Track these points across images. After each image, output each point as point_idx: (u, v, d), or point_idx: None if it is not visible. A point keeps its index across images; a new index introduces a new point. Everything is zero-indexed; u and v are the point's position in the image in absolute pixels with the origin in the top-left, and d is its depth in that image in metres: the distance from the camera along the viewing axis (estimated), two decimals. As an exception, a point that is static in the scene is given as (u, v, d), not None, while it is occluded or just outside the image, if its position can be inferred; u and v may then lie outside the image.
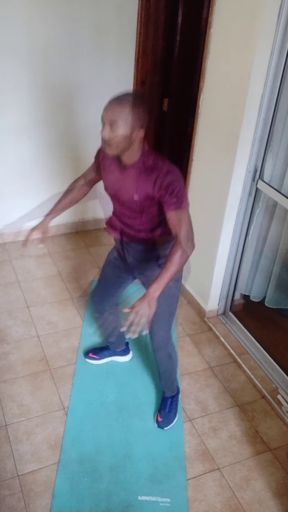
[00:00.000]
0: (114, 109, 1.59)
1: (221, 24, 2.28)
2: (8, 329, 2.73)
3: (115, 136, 1.61)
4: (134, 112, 1.59)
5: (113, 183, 1.83)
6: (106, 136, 1.63)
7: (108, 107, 1.61)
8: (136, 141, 1.66)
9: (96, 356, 2.53)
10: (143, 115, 1.63)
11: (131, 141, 1.65)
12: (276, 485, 2.04)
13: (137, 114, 1.60)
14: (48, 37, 2.94)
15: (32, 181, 3.42)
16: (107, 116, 1.61)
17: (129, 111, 1.58)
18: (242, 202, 2.52)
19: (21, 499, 1.91)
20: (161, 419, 2.23)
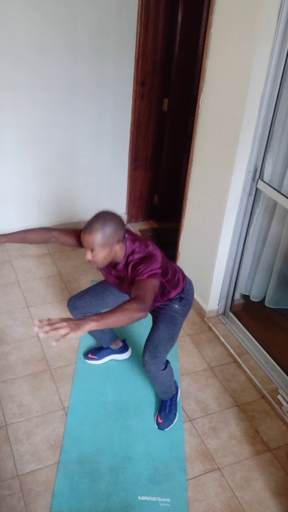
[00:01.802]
0: (87, 239, 1.78)
1: (221, 24, 2.28)
2: (8, 329, 2.73)
3: (96, 257, 1.81)
4: (106, 234, 1.76)
5: (111, 281, 2.08)
6: (89, 259, 1.83)
7: (82, 238, 1.80)
8: (117, 251, 1.85)
9: (95, 356, 2.54)
10: (116, 231, 1.79)
11: (112, 254, 1.84)
12: (276, 485, 2.04)
13: (109, 235, 1.77)
14: (48, 37, 2.94)
15: (32, 181, 3.42)
16: (85, 244, 1.81)
17: (101, 236, 1.76)
18: (242, 202, 2.52)
19: (21, 499, 1.91)
20: (161, 420, 2.23)
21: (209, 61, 2.42)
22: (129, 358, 2.60)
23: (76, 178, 3.54)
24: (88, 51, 3.09)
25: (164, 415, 2.24)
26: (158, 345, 2.02)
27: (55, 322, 1.46)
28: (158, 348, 2.02)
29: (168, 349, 2.06)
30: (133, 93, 3.37)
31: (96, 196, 3.69)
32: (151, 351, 2.02)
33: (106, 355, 2.54)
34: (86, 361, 2.54)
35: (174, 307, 2.11)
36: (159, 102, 3.48)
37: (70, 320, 1.48)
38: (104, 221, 1.78)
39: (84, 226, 1.81)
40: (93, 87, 3.23)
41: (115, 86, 3.29)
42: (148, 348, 2.03)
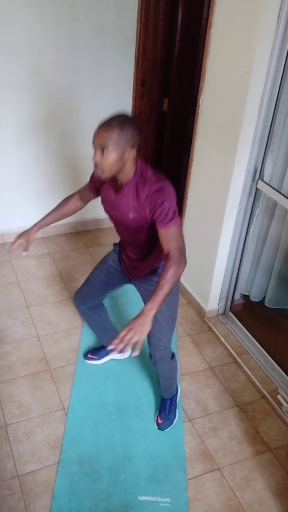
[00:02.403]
0: (103, 133, 1.61)
1: (221, 24, 2.28)
2: (8, 329, 2.73)
3: (106, 160, 1.63)
4: (124, 134, 1.60)
5: (110, 203, 1.86)
6: (98, 161, 1.66)
7: (97, 132, 1.63)
8: (128, 161, 1.68)
9: (95, 356, 2.54)
10: (134, 135, 1.63)
11: (123, 162, 1.66)
12: (276, 485, 2.04)
13: (126, 135, 1.61)
14: (48, 37, 2.94)
15: (33, 181, 3.42)
16: (97, 141, 1.64)
17: (118, 133, 1.60)
18: (242, 202, 2.51)
19: (21, 499, 1.91)
20: (161, 421, 2.23)
21: (209, 61, 2.42)
22: (129, 358, 2.59)
23: (76, 178, 3.54)
24: (88, 51, 3.08)
25: (164, 416, 2.23)
26: (161, 338, 2.00)
27: (124, 336, 1.50)
28: (162, 340, 2.00)
29: (171, 335, 2.05)
30: (133, 93, 3.37)
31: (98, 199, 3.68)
32: (156, 343, 2.00)
33: (106, 355, 2.54)
34: (86, 362, 2.54)
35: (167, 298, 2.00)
36: (159, 102, 3.48)
37: (132, 324, 1.52)
38: (124, 120, 1.63)
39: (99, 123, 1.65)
40: (93, 86, 3.23)
41: (115, 86, 3.29)
42: (152, 341, 2.01)
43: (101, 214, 2.28)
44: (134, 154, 1.67)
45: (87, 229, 3.77)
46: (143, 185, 1.69)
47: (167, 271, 1.61)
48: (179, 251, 1.66)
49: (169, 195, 1.68)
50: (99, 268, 2.18)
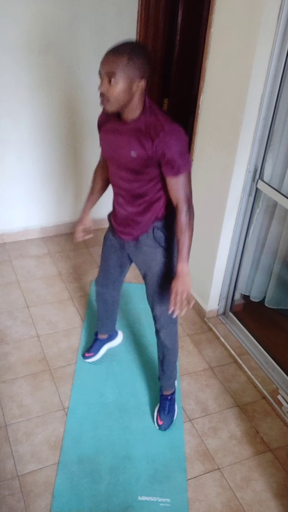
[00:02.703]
0: (111, 60, 1.49)
1: (221, 24, 2.28)
2: (8, 329, 2.73)
3: (113, 89, 1.52)
4: (133, 61, 1.49)
5: (112, 140, 1.73)
6: (104, 90, 1.54)
7: (105, 59, 1.51)
8: (136, 94, 1.56)
9: (91, 353, 2.54)
10: (143, 64, 1.52)
11: (131, 94, 1.55)
12: (277, 485, 2.04)
13: (136, 63, 1.50)
14: (47, 38, 2.93)
15: (33, 181, 3.42)
16: (104, 68, 1.52)
17: (127, 60, 1.48)
18: (242, 202, 2.51)
19: (21, 499, 1.91)
20: (161, 422, 2.22)
21: (209, 61, 2.42)
22: (129, 358, 2.59)
23: (76, 178, 3.54)
24: (88, 50, 3.08)
25: (164, 416, 2.23)
26: (163, 306, 1.98)
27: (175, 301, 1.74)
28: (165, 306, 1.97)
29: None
30: (133, 93, 3.36)
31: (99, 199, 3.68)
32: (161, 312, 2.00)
33: (100, 347, 2.55)
34: (86, 361, 2.54)
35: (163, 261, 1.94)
36: (159, 102, 3.48)
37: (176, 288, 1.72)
38: (134, 47, 1.52)
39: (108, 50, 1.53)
40: (93, 87, 3.22)
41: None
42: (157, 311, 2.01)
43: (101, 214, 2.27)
44: (143, 86, 1.56)
45: (87, 229, 3.76)
46: (152, 125, 1.59)
47: (182, 225, 1.70)
48: (187, 202, 1.72)
49: (180, 138, 1.59)
50: (105, 251, 2.16)
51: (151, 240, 1.90)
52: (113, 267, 2.17)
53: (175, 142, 1.59)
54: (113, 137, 1.72)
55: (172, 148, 1.58)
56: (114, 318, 2.48)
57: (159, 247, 1.91)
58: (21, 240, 3.57)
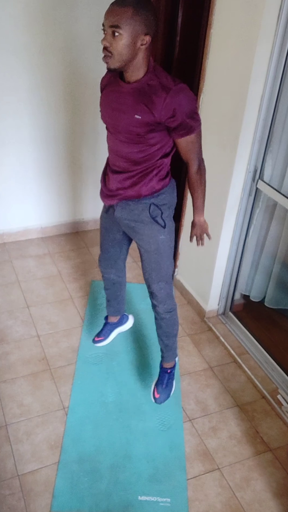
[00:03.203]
0: (115, 11, 1.43)
1: (221, 24, 2.28)
2: (8, 329, 2.73)
3: (117, 43, 1.46)
4: (138, 14, 1.43)
5: (113, 102, 1.66)
6: (107, 44, 1.48)
7: (109, 10, 1.45)
8: (141, 51, 1.51)
9: (101, 338, 2.53)
10: (149, 19, 1.47)
11: (136, 50, 1.49)
12: (277, 485, 2.04)
13: (141, 17, 1.44)
14: (48, 38, 2.94)
15: (32, 181, 3.42)
16: (108, 21, 1.46)
17: (132, 13, 1.43)
18: (242, 202, 2.52)
19: (21, 498, 1.91)
20: (158, 395, 2.20)
21: (209, 61, 2.42)
22: (129, 358, 2.60)
23: (76, 178, 3.54)
24: (89, 50, 3.09)
25: (161, 389, 2.21)
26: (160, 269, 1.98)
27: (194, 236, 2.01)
28: (161, 271, 1.97)
29: (171, 274, 2.04)
30: (133, 93, 3.36)
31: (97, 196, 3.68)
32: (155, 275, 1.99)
33: (110, 332, 2.55)
34: (87, 360, 2.54)
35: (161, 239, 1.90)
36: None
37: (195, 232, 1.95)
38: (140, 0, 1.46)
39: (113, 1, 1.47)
40: (93, 87, 3.23)
41: (115, 86, 3.29)
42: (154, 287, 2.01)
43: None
44: (147, 43, 1.50)
45: (87, 229, 3.77)
46: (157, 85, 1.54)
47: (194, 179, 1.77)
48: (198, 160, 1.76)
49: (190, 97, 1.54)
50: (102, 231, 2.16)
51: (147, 217, 1.85)
52: (112, 246, 2.16)
53: (185, 101, 1.53)
54: (115, 99, 1.65)
55: (183, 108, 1.54)
56: (122, 298, 2.47)
57: (156, 224, 1.86)
58: (21, 240, 3.57)
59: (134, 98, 1.59)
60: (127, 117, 1.62)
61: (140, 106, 1.58)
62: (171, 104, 1.52)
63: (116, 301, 2.47)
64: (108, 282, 2.38)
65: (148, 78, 1.56)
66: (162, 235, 1.90)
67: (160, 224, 1.86)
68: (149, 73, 1.56)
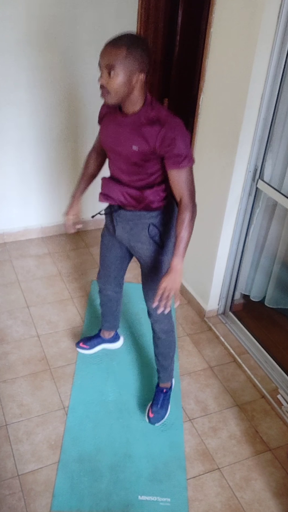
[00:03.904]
0: (110, 52, 1.50)
1: (221, 24, 2.28)
2: (8, 329, 2.73)
3: (113, 82, 1.53)
4: (132, 53, 1.49)
5: (112, 133, 1.73)
6: (104, 82, 1.54)
7: (104, 51, 1.52)
8: (136, 87, 1.57)
9: (86, 346, 2.54)
10: (143, 57, 1.53)
11: (131, 87, 1.56)
12: (276, 485, 2.04)
13: (135, 56, 1.50)
14: (48, 37, 2.94)
15: (33, 181, 3.42)
16: (103, 61, 1.53)
17: (126, 53, 1.49)
18: (242, 202, 2.52)
19: (21, 498, 1.91)
20: (152, 414, 2.20)
21: (209, 61, 2.42)
22: (130, 358, 2.60)
23: (76, 178, 3.54)
24: (88, 50, 3.09)
25: (156, 409, 2.21)
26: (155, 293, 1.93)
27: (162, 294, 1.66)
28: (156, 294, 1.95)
29: None
30: (133, 93, 3.37)
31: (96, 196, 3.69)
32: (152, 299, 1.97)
33: (97, 344, 2.55)
34: (86, 360, 2.54)
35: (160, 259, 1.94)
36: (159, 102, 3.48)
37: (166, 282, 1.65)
38: (133, 39, 1.53)
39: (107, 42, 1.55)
40: (93, 87, 3.23)
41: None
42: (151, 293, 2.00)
43: (101, 214, 2.30)
44: (142, 79, 1.57)
45: (87, 229, 3.77)
46: (153, 118, 1.60)
47: (184, 221, 1.66)
48: (191, 197, 1.69)
49: (183, 132, 1.59)
50: (103, 248, 2.16)
51: (146, 237, 1.89)
52: (113, 263, 2.17)
53: (180, 135, 1.59)
54: (114, 130, 1.72)
55: (178, 141, 1.59)
56: (118, 314, 2.48)
57: (154, 244, 1.90)
58: (21, 240, 3.57)
59: (131, 130, 1.65)
60: (125, 148, 1.69)
61: (136, 137, 1.64)
62: (166, 136, 1.58)
63: (112, 316, 2.47)
64: (105, 298, 2.37)
65: (144, 111, 1.62)
66: (161, 255, 1.93)
67: (159, 244, 1.90)
68: (145, 106, 1.62)
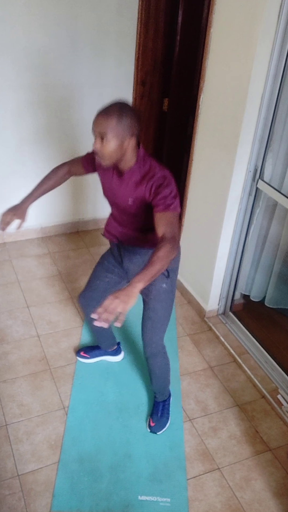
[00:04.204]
0: (101, 121, 1.62)
1: (221, 24, 2.28)
2: (8, 329, 2.73)
3: (106, 148, 1.65)
4: (122, 122, 1.62)
5: (110, 188, 1.87)
6: (97, 149, 1.67)
7: (96, 120, 1.65)
8: (128, 149, 1.69)
9: (87, 355, 2.54)
10: (133, 123, 1.65)
11: (123, 150, 1.68)
12: (276, 485, 2.04)
13: (125, 123, 1.62)
14: (48, 37, 2.94)
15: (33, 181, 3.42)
16: (96, 129, 1.65)
17: (117, 121, 1.61)
18: (242, 202, 2.52)
19: (21, 498, 1.91)
20: (153, 423, 2.21)
21: (209, 61, 2.42)
22: (129, 358, 2.60)
23: (76, 178, 3.53)
24: (88, 50, 3.09)
25: (157, 419, 2.22)
26: (154, 335, 2.00)
27: (108, 304, 1.39)
28: (154, 337, 2.01)
29: (166, 326, 2.04)
30: (133, 92, 3.37)
31: (96, 196, 3.69)
32: (148, 340, 2.00)
33: (99, 355, 2.54)
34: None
35: (162, 287, 1.95)
36: (159, 102, 3.48)
37: (119, 294, 1.42)
38: (123, 107, 1.65)
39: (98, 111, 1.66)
40: (93, 86, 3.23)
41: (115, 85, 3.29)
42: (145, 337, 2.01)
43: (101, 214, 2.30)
44: (134, 142, 1.68)
45: (87, 229, 3.77)
46: (145, 173, 1.71)
47: (160, 250, 1.55)
48: (173, 236, 1.62)
49: (171, 183, 1.69)
50: (99, 271, 2.16)
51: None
52: (103, 285, 2.15)
53: (168, 185, 1.68)
54: (110, 186, 1.86)
55: (166, 189, 1.67)
56: (111, 332, 2.45)
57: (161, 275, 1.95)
58: (21, 240, 3.57)
59: (126, 186, 1.77)
60: (123, 202, 1.82)
61: (132, 192, 1.76)
62: (155, 185, 1.69)
63: (105, 337, 2.44)
64: (89, 317, 2.30)
65: (137, 166, 1.74)
66: (164, 283, 1.96)
67: (165, 275, 1.94)
68: (138, 161, 1.74)
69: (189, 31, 3.18)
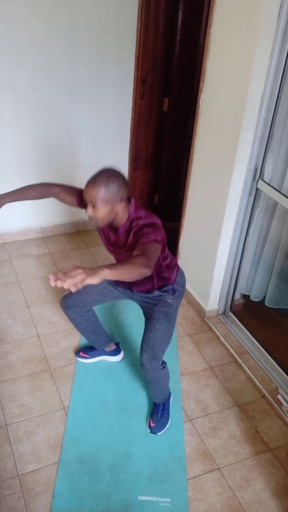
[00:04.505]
0: (90, 192, 1.73)
1: (221, 24, 2.28)
2: (8, 329, 2.73)
3: (97, 214, 1.77)
4: (110, 190, 1.72)
5: (107, 240, 2.01)
6: (90, 215, 1.79)
7: (85, 190, 1.76)
8: (119, 212, 1.81)
9: (86, 355, 2.54)
10: (120, 189, 1.74)
11: (114, 213, 1.80)
12: (276, 485, 2.04)
13: (113, 190, 1.72)
14: (48, 37, 2.94)
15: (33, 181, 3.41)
16: (86, 198, 1.77)
17: (105, 191, 1.71)
18: (242, 202, 2.52)
19: (21, 498, 1.91)
20: (153, 424, 2.21)
21: (209, 61, 2.42)
22: (129, 358, 2.60)
23: (76, 177, 3.54)
24: (89, 50, 3.08)
25: (157, 419, 2.22)
26: (155, 346, 1.99)
27: (69, 271, 1.39)
28: (155, 348, 1.99)
29: (165, 347, 2.04)
30: (134, 92, 3.37)
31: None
32: (148, 353, 1.98)
33: (98, 355, 2.54)
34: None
35: (167, 302, 2.08)
36: (159, 102, 3.48)
37: (85, 268, 1.43)
38: (109, 176, 1.74)
39: (87, 181, 1.78)
40: (93, 86, 3.23)
41: (115, 85, 3.29)
42: (145, 349, 1.99)
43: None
44: (123, 205, 1.80)
45: (87, 229, 3.77)
46: (133, 219, 1.85)
47: (135, 258, 1.61)
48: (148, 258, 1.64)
49: (157, 229, 1.78)
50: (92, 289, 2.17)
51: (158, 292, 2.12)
52: (92, 302, 2.22)
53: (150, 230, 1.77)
54: (109, 238, 1.99)
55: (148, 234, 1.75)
56: (101, 331, 2.43)
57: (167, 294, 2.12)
58: (21, 240, 3.57)
59: (121, 238, 1.91)
60: (120, 253, 1.97)
61: (125, 242, 1.89)
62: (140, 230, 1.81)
63: (96, 335, 2.42)
64: (77, 323, 2.31)
65: (129, 222, 1.86)
66: (169, 299, 2.10)
67: (169, 291, 2.11)
68: (129, 218, 1.86)
69: (189, 31, 3.17)
